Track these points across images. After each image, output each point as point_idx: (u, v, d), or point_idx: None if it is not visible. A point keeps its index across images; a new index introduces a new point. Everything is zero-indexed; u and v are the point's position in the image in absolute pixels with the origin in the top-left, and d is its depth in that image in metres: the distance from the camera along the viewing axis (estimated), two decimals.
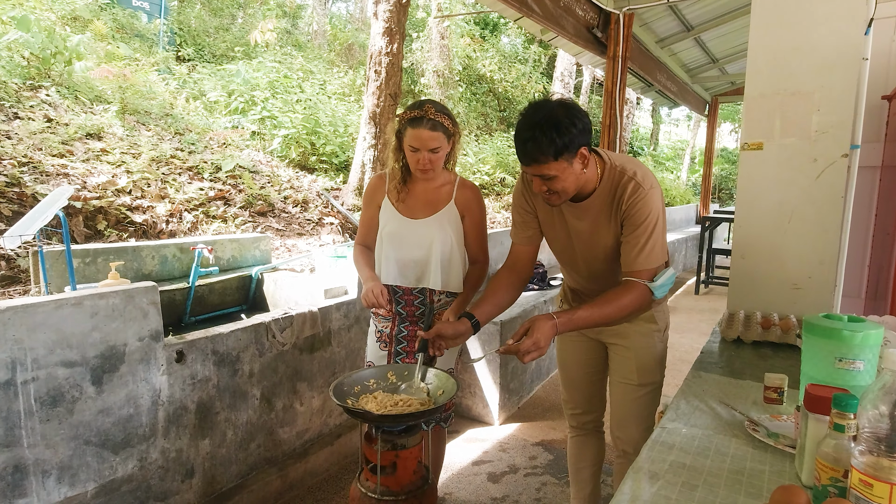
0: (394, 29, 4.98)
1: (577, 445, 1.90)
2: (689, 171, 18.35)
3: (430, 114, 1.65)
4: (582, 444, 1.89)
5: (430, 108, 1.66)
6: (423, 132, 1.65)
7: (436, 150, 1.68)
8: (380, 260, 1.85)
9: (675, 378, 3.80)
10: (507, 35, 14.54)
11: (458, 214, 1.83)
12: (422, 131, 1.65)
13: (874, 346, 1.01)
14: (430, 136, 1.65)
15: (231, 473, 2.11)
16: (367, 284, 1.76)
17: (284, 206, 5.34)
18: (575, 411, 1.86)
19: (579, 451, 1.90)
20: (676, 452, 0.98)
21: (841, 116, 1.71)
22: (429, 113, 1.65)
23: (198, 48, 9.53)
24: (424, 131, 1.65)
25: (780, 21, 1.78)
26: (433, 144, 1.66)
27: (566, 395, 1.88)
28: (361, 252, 1.90)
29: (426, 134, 1.65)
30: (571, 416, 1.89)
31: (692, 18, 5.80)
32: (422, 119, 1.65)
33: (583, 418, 1.86)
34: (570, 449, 1.93)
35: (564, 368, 1.86)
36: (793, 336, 1.59)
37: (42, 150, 4.21)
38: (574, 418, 1.88)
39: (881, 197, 2.27)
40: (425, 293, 1.83)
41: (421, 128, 1.65)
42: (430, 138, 1.65)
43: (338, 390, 1.43)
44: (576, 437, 1.90)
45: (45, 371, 1.55)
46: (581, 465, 1.90)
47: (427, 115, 1.65)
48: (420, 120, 1.65)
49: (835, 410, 0.76)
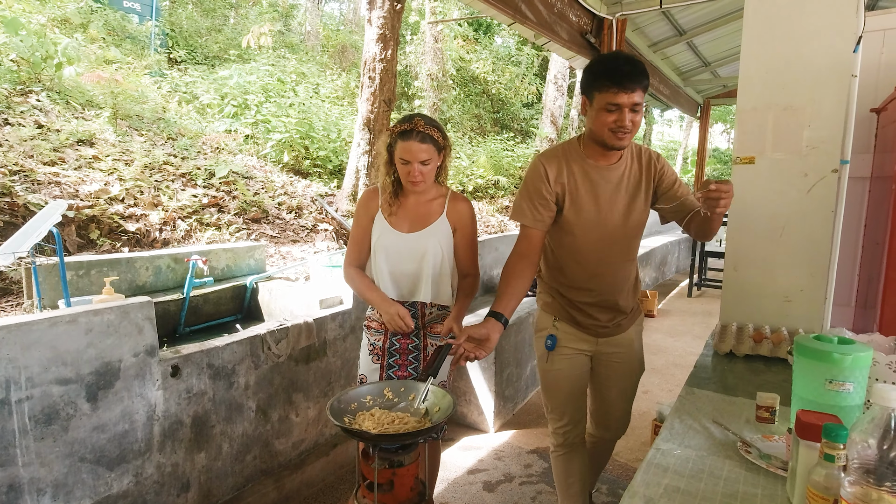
0: (388, 35, 4.98)
1: (565, 461, 1.90)
2: (681, 171, 18.48)
3: (419, 126, 1.67)
4: (569, 460, 1.90)
5: (419, 121, 1.69)
6: (413, 144, 1.67)
7: (426, 162, 1.70)
8: (372, 272, 1.86)
9: (668, 383, 3.83)
10: (500, 36, 14.57)
11: (450, 228, 1.84)
12: (412, 143, 1.67)
13: (864, 367, 1.02)
14: (420, 149, 1.68)
15: (227, 486, 2.11)
16: (390, 308, 1.73)
17: (279, 212, 5.33)
18: (566, 427, 1.86)
19: (567, 467, 1.91)
20: (671, 476, 0.99)
21: (831, 132, 1.73)
22: (418, 126, 1.68)
23: (190, 50, 9.48)
24: (414, 143, 1.67)
25: (771, 37, 1.80)
26: (423, 157, 1.69)
27: (557, 414, 1.86)
28: (358, 274, 1.87)
29: (416, 146, 1.67)
30: (560, 434, 1.88)
31: (684, 23, 5.84)
32: (411, 132, 1.67)
33: (571, 434, 1.87)
34: (558, 466, 1.93)
35: (558, 387, 1.83)
36: (784, 350, 1.62)
37: (33, 158, 4.17)
38: (563, 436, 1.87)
39: (870, 207, 2.29)
40: (416, 306, 1.84)
41: (411, 140, 1.67)
42: (419, 150, 1.68)
43: (334, 408, 1.43)
44: (563, 454, 1.90)
45: (39, 389, 1.55)
46: (571, 480, 1.91)
47: (416, 128, 1.67)
48: (410, 133, 1.67)
49: (825, 441, 0.77)
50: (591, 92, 1.50)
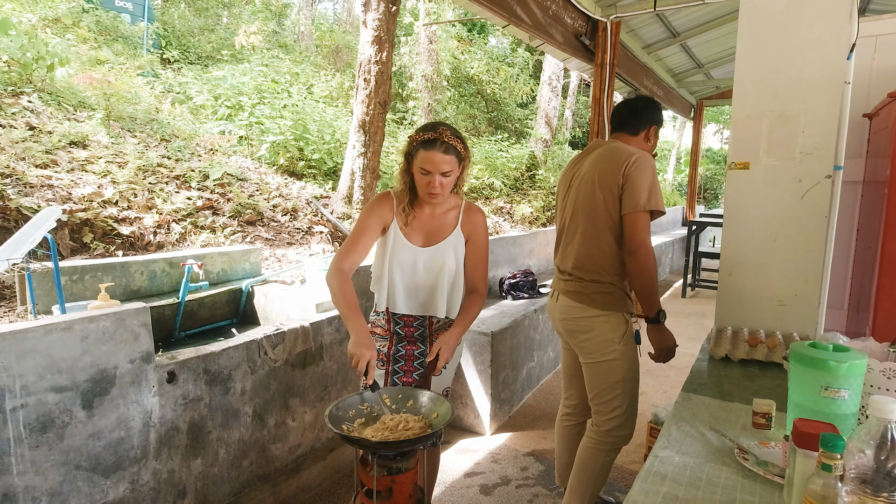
0: (383, 37, 4.98)
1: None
2: (674, 171, 18.57)
3: (444, 136, 1.61)
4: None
5: (444, 130, 1.63)
6: (437, 155, 1.61)
7: (447, 174, 1.64)
8: (385, 285, 1.78)
9: (662, 384, 3.85)
10: (494, 36, 14.59)
11: (464, 239, 1.81)
12: (435, 154, 1.61)
13: (858, 375, 1.04)
14: (444, 160, 1.62)
15: (223, 492, 2.10)
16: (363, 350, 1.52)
17: (273, 214, 5.31)
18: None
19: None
20: (669, 483, 1.00)
21: (825, 138, 1.75)
22: (443, 136, 1.61)
23: (183, 50, 9.42)
24: (438, 154, 1.61)
25: (766, 45, 1.81)
26: (445, 168, 1.63)
27: (635, 406, 2.04)
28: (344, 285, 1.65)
29: (439, 157, 1.61)
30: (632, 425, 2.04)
31: (678, 25, 5.88)
32: (435, 142, 1.61)
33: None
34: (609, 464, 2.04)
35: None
36: (779, 355, 1.63)
37: (25, 161, 4.14)
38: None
39: (863, 211, 2.32)
40: (425, 317, 1.83)
41: (434, 150, 1.61)
42: (442, 162, 1.62)
43: (333, 416, 1.43)
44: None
45: (34, 397, 1.53)
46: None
47: (441, 138, 1.61)
48: (434, 143, 1.61)
49: (822, 451, 0.78)
50: (658, 127, 1.99)
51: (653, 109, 1.96)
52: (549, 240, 5.28)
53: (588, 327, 1.90)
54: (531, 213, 8.87)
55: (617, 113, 1.98)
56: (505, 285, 4.02)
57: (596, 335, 1.89)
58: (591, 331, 1.90)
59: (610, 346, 1.88)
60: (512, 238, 4.63)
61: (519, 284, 4.01)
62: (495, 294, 4.10)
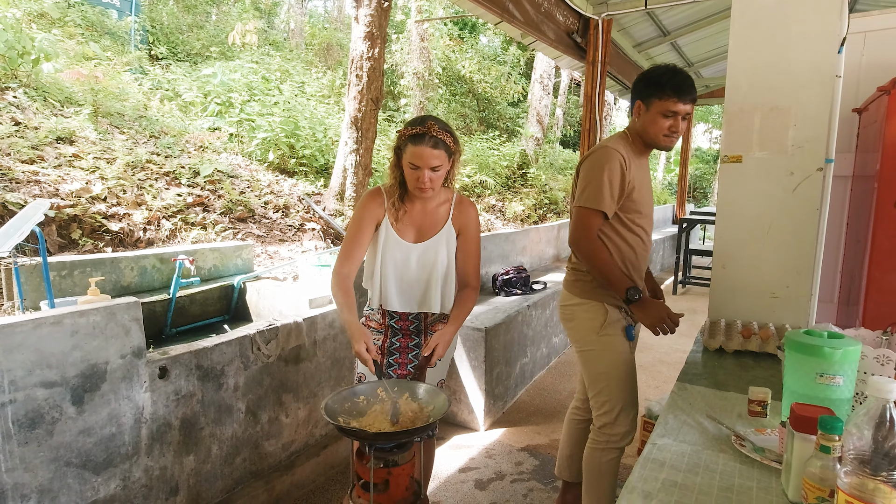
0: (375, 34, 4.96)
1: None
2: (664, 170, 18.71)
3: (432, 131, 1.59)
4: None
5: (432, 124, 1.60)
6: (425, 150, 1.59)
7: (437, 168, 1.62)
8: (378, 283, 1.78)
9: (654, 379, 3.88)
10: (485, 35, 14.60)
11: (455, 233, 1.80)
12: (423, 149, 1.59)
13: (853, 361, 1.05)
14: (432, 154, 1.59)
15: (216, 489, 2.08)
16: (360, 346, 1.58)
17: (265, 211, 5.27)
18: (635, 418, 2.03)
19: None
20: (667, 470, 1.00)
21: (816, 132, 1.77)
22: (431, 130, 1.59)
23: (171, 46, 9.33)
24: (426, 149, 1.59)
25: (758, 39, 1.83)
26: (435, 163, 1.61)
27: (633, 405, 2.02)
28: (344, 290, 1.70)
29: (428, 152, 1.59)
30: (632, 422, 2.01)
31: (668, 24, 5.92)
32: (424, 136, 1.59)
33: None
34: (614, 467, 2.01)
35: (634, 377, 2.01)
36: (773, 346, 1.64)
37: (11, 156, 4.07)
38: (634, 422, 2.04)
39: (852, 206, 2.35)
40: (420, 313, 1.82)
41: (423, 145, 1.59)
42: (431, 156, 1.59)
43: (329, 408, 1.42)
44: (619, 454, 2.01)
45: (23, 393, 1.51)
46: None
47: (430, 132, 1.59)
48: (422, 137, 1.59)
49: (821, 432, 0.79)
50: (651, 99, 1.74)
51: (640, 84, 1.79)
52: (542, 237, 5.29)
53: (570, 315, 1.93)
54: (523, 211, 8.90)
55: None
56: (498, 282, 4.03)
57: (577, 324, 1.91)
58: (573, 319, 1.92)
59: (589, 336, 1.88)
60: (505, 235, 4.64)
61: (512, 281, 4.02)
62: (488, 290, 4.10)
